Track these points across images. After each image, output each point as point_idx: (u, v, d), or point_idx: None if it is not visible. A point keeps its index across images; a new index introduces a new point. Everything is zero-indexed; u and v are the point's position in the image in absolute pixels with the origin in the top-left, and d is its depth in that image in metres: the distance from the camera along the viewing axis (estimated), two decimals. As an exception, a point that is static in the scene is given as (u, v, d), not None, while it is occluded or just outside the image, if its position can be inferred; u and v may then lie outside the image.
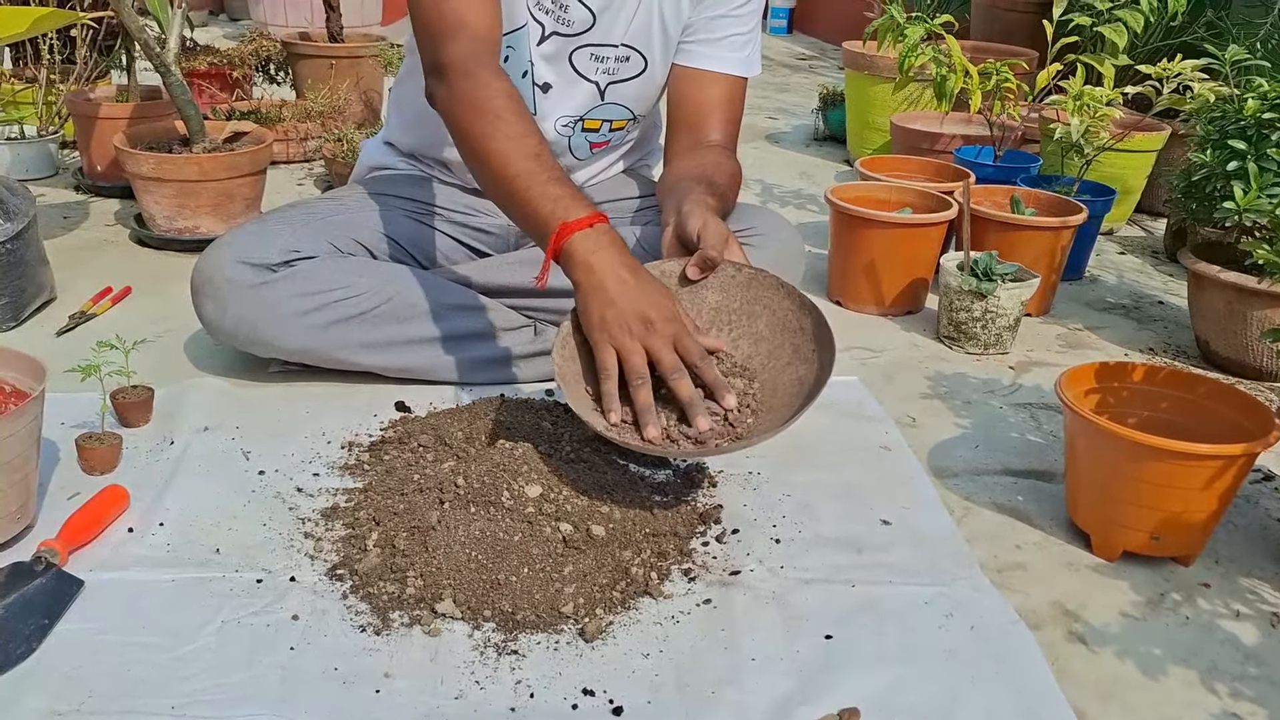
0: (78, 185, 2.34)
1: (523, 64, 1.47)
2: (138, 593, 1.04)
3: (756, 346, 1.23)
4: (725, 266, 1.23)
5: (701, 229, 1.21)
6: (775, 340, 1.23)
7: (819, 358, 1.18)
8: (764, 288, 1.24)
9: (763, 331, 1.23)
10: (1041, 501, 1.31)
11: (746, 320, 1.24)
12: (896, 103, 2.70)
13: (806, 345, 1.20)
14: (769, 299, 1.24)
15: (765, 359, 1.23)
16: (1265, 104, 1.60)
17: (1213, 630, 1.09)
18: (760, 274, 1.24)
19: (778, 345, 1.22)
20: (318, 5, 2.96)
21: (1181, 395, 1.28)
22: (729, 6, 1.49)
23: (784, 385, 1.19)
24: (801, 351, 1.20)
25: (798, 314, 1.22)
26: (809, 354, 1.19)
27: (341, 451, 1.31)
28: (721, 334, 1.24)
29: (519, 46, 1.46)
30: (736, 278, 1.24)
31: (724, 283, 1.24)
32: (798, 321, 1.22)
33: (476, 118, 1.22)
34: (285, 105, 2.74)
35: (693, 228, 1.22)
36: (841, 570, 1.13)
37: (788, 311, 1.23)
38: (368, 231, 1.50)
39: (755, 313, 1.24)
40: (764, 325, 1.24)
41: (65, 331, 1.63)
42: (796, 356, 1.20)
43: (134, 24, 1.85)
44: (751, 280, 1.24)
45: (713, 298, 1.24)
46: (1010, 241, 1.82)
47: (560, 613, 1.02)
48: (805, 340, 1.21)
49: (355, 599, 1.04)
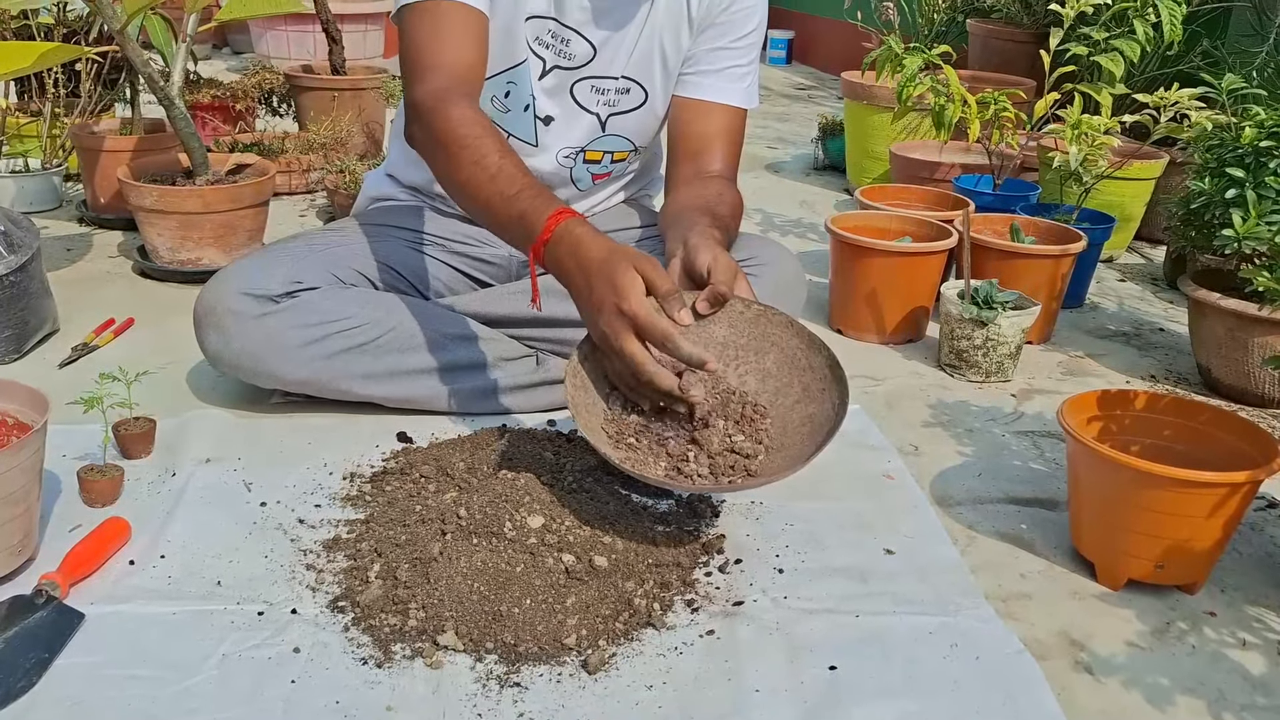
0: (81, 217, 2.35)
1: (524, 98, 1.49)
2: (139, 626, 1.03)
3: (764, 383, 1.23)
4: (734, 302, 1.23)
5: (712, 263, 1.21)
6: (783, 377, 1.22)
7: (829, 397, 1.18)
8: (773, 325, 1.24)
9: (770, 368, 1.23)
10: (1045, 530, 1.30)
11: (754, 356, 1.24)
12: (895, 132, 2.71)
13: (816, 384, 1.20)
14: (778, 336, 1.23)
15: (773, 395, 1.22)
16: (1262, 132, 1.61)
17: (1219, 660, 1.09)
18: (769, 311, 1.24)
19: (786, 382, 1.22)
20: (320, 39, 2.99)
21: (1184, 423, 1.28)
22: (729, 38, 1.50)
23: (793, 423, 1.19)
24: (811, 390, 1.20)
25: (807, 352, 1.22)
26: (818, 393, 1.19)
27: (343, 482, 1.31)
28: (729, 369, 1.24)
29: (520, 81, 1.48)
30: (745, 314, 1.24)
31: (732, 318, 1.24)
32: (807, 360, 1.21)
33: (441, 150, 1.24)
34: (288, 137, 2.75)
35: (702, 262, 1.21)
36: (846, 600, 1.13)
37: (796, 349, 1.22)
38: (370, 262, 1.50)
39: (763, 349, 1.24)
40: (772, 362, 1.23)
41: (68, 363, 1.63)
42: (806, 395, 1.20)
43: (138, 58, 1.87)
44: (760, 317, 1.24)
45: (720, 332, 1.24)
46: (1010, 269, 1.82)
47: (563, 644, 1.01)
48: (815, 379, 1.20)
49: (357, 631, 1.03)
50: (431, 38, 1.30)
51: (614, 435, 1.17)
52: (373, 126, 2.93)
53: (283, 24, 4.13)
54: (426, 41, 1.31)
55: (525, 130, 1.52)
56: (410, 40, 1.33)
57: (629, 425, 1.19)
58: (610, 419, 1.19)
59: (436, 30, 1.31)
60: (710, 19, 1.49)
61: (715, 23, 1.49)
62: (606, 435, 1.16)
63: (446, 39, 1.30)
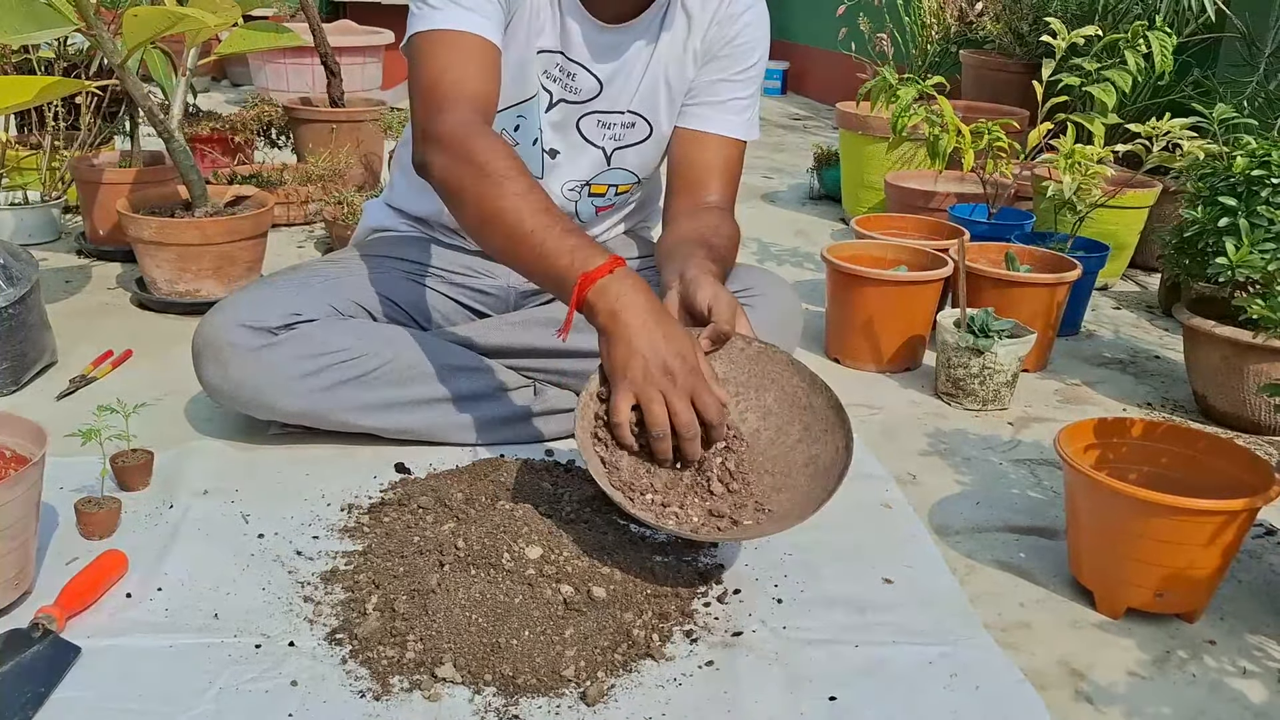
0: (80, 249, 2.36)
1: (533, 131, 1.50)
2: (135, 659, 1.03)
3: (765, 420, 1.23)
4: (735, 339, 1.23)
5: (713, 301, 1.21)
6: (784, 416, 1.22)
7: (833, 439, 1.18)
8: (773, 363, 1.24)
9: (771, 406, 1.23)
10: (1044, 558, 1.30)
11: (755, 394, 1.24)
12: (890, 162, 2.73)
13: (818, 424, 1.20)
14: (778, 374, 1.24)
15: (774, 434, 1.22)
16: (1254, 161, 1.62)
17: (1220, 689, 1.08)
18: (770, 349, 1.24)
19: (787, 421, 1.22)
20: (319, 71, 3.01)
21: (1181, 450, 1.28)
22: (731, 71, 1.51)
23: (797, 463, 1.19)
24: (813, 430, 1.20)
25: (808, 392, 1.22)
26: (820, 434, 1.19)
27: (341, 514, 1.30)
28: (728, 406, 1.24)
29: (530, 115, 1.49)
30: (746, 351, 1.24)
31: (732, 355, 1.24)
32: (808, 399, 1.22)
33: (480, 179, 1.21)
34: (286, 169, 2.77)
35: (703, 299, 1.21)
36: (845, 630, 1.12)
37: (797, 388, 1.23)
38: (368, 294, 1.51)
39: (764, 386, 1.24)
40: (772, 400, 1.23)
41: (66, 395, 1.63)
42: (807, 434, 1.20)
43: (138, 91, 1.88)
44: (760, 354, 1.24)
45: (720, 369, 1.24)
46: (1006, 298, 1.83)
47: (561, 676, 1.01)
48: (816, 419, 1.20)
49: (354, 663, 1.03)
50: (453, 67, 1.28)
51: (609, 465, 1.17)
52: (371, 158, 2.95)
53: (282, 57, 4.16)
54: (447, 71, 1.28)
55: (533, 164, 1.53)
56: (426, 70, 1.29)
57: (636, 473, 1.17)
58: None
59: (457, 60, 1.29)
60: (713, 52, 1.50)
61: (718, 55, 1.50)
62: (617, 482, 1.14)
63: (469, 68, 1.28)
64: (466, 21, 1.30)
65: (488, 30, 1.32)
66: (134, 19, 1.70)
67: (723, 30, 1.49)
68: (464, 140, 1.23)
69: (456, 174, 1.23)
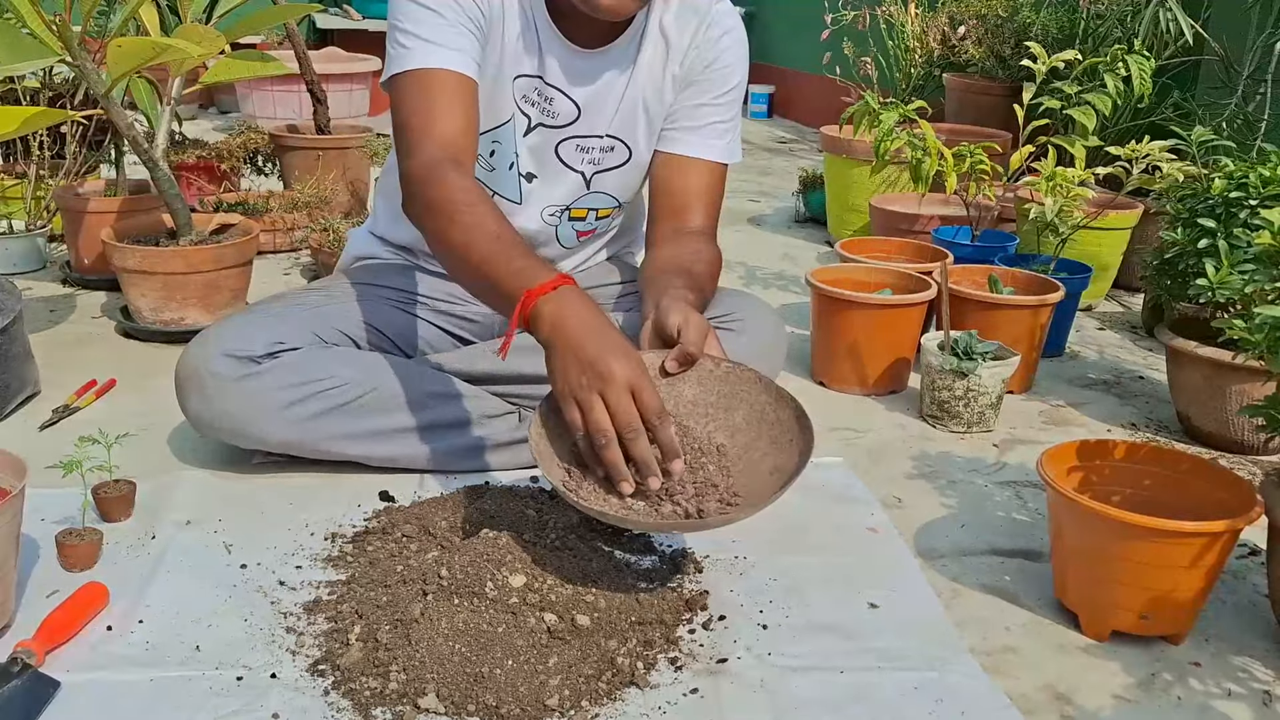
0: (65, 279, 2.35)
1: (509, 156, 1.51)
2: (116, 693, 1.02)
3: (733, 439, 1.23)
4: (704, 360, 1.23)
5: (682, 324, 1.21)
6: (752, 432, 1.23)
7: (795, 446, 1.18)
8: (741, 382, 1.25)
9: (739, 424, 1.24)
10: (1029, 581, 1.30)
11: (724, 414, 1.25)
12: (875, 185, 2.75)
13: (784, 436, 1.20)
14: (745, 393, 1.24)
15: (741, 450, 1.23)
16: (1232, 183, 1.64)
17: (1206, 711, 1.08)
18: (738, 368, 1.25)
19: (754, 437, 1.22)
20: (306, 98, 3.02)
21: (1164, 472, 1.29)
22: (711, 95, 1.52)
23: (762, 474, 1.19)
24: (779, 442, 1.20)
25: (775, 406, 1.22)
26: (785, 444, 1.20)
27: (325, 543, 1.30)
28: (697, 426, 1.24)
29: (505, 140, 1.49)
30: (715, 372, 1.25)
31: (702, 377, 1.25)
32: (775, 414, 1.22)
33: (435, 216, 1.25)
34: (272, 196, 2.77)
35: (673, 323, 1.22)
36: (830, 657, 1.12)
37: (765, 405, 1.23)
38: (352, 322, 1.51)
39: (732, 406, 1.24)
40: (740, 418, 1.24)
41: (48, 425, 1.62)
42: (774, 446, 1.21)
43: (123, 121, 1.88)
44: (729, 374, 1.25)
45: (690, 391, 1.25)
46: (990, 320, 1.84)
47: (545, 705, 1.00)
48: (781, 431, 1.21)
49: (337, 695, 1.02)
50: (421, 108, 1.31)
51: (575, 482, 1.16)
52: (357, 185, 2.95)
53: (268, 84, 4.17)
54: (416, 112, 1.31)
55: (510, 188, 1.54)
56: (397, 114, 1.34)
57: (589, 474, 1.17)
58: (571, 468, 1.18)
59: (426, 100, 1.32)
60: (693, 76, 1.51)
61: (697, 80, 1.51)
62: (568, 481, 1.14)
63: (436, 108, 1.31)
64: (436, 58, 1.33)
65: (457, 63, 1.34)
66: (118, 49, 1.70)
67: (701, 54, 1.49)
68: (424, 181, 1.27)
69: (420, 214, 1.28)
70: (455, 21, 1.35)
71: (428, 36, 1.33)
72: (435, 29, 1.34)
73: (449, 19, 1.34)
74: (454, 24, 1.35)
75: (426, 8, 1.34)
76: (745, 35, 1.54)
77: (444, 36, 1.34)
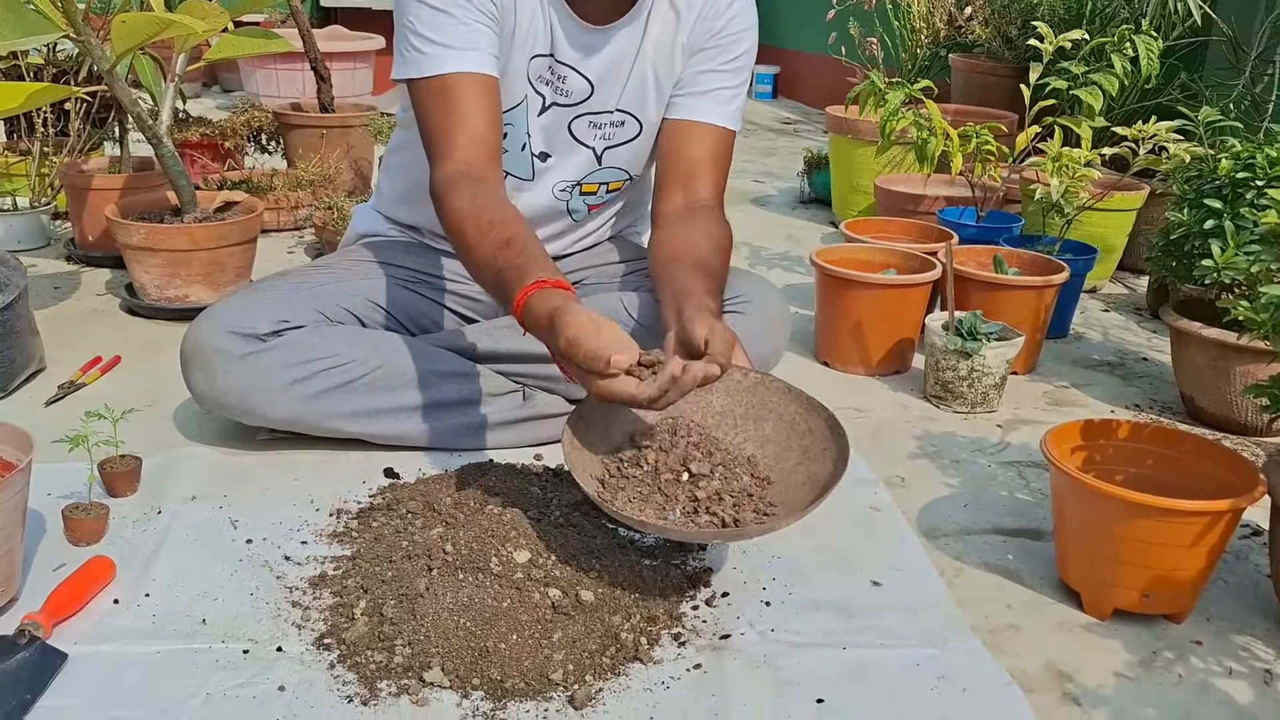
0: (69, 255, 2.35)
1: (521, 137, 1.50)
2: (122, 666, 1.03)
3: (763, 449, 1.24)
4: (732, 371, 1.23)
5: (709, 335, 1.19)
6: (783, 443, 1.23)
7: (829, 455, 1.18)
8: (770, 392, 1.25)
9: (769, 434, 1.24)
10: (1031, 560, 1.31)
11: (753, 424, 1.25)
12: (880, 165, 2.74)
13: (816, 445, 1.20)
14: (775, 403, 1.24)
15: (773, 460, 1.23)
16: (1238, 164, 1.63)
17: (1207, 689, 1.09)
18: (766, 379, 1.25)
19: (785, 447, 1.23)
20: (310, 76, 3.01)
21: (1167, 452, 1.29)
22: (719, 61, 1.50)
23: (795, 483, 1.19)
24: (811, 451, 1.20)
25: (806, 416, 1.22)
26: (819, 453, 1.19)
27: (330, 519, 1.30)
28: (727, 437, 1.24)
29: (517, 122, 1.49)
30: (743, 383, 1.25)
31: (730, 388, 1.25)
32: (806, 424, 1.22)
33: (451, 229, 1.28)
34: (276, 174, 2.77)
35: (699, 335, 1.20)
36: (832, 633, 1.13)
37: (795, 415, 1.23)
38: (357, 300, 1.51)
39: (761, 416, 1.25)
40: (770, 428, 1.24)
41: (54, 401, 1.63)
42: (806, 456, 1.21)
43: (127, 97, 1.88)
44: (757, 385, 1.25)
45: (718, 402, 1.25)
46: (994, 301, 1.84)
47: (549, 680, 1.01)
48: (814, 440, 1.21)
49: (342, 669, 1.03)
50: (442, 122, 1.32)
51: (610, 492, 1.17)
52: (361, 163, 2.95)
53: (272, 62, 4.16)
54: (439, 127, 1.32)
55: (522, 168, 1.53)
56: (422, 124, 1.35)
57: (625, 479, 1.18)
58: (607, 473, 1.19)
59: (445, 111, 1.32)
60: (700, 44, 1.50)
61: (705, 47, 1.50)
62: (601, 492, 1.15)
63: (454, 119, 1.31)
64: (453, 63, 1.32)
65: (474, 63, 1.33)
66: (122, 25, 1.70)
67: (710, 24, 1.49)
68: (441, 198, 1.29)
69: (443, 225, 1.30)
70: (467, 19, 1.34)
71: (442, 40, 1.32)
72: (448, 31, 1.33)
73: (460, 17, 1.33)
74: (466, 22, 1.34)
75: (437, 9, 1.33)
76: (753, 4, 1.53)
77: (458, 37, 1.33)
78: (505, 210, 1.27)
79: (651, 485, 1.16)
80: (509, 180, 1.51)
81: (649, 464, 1.18)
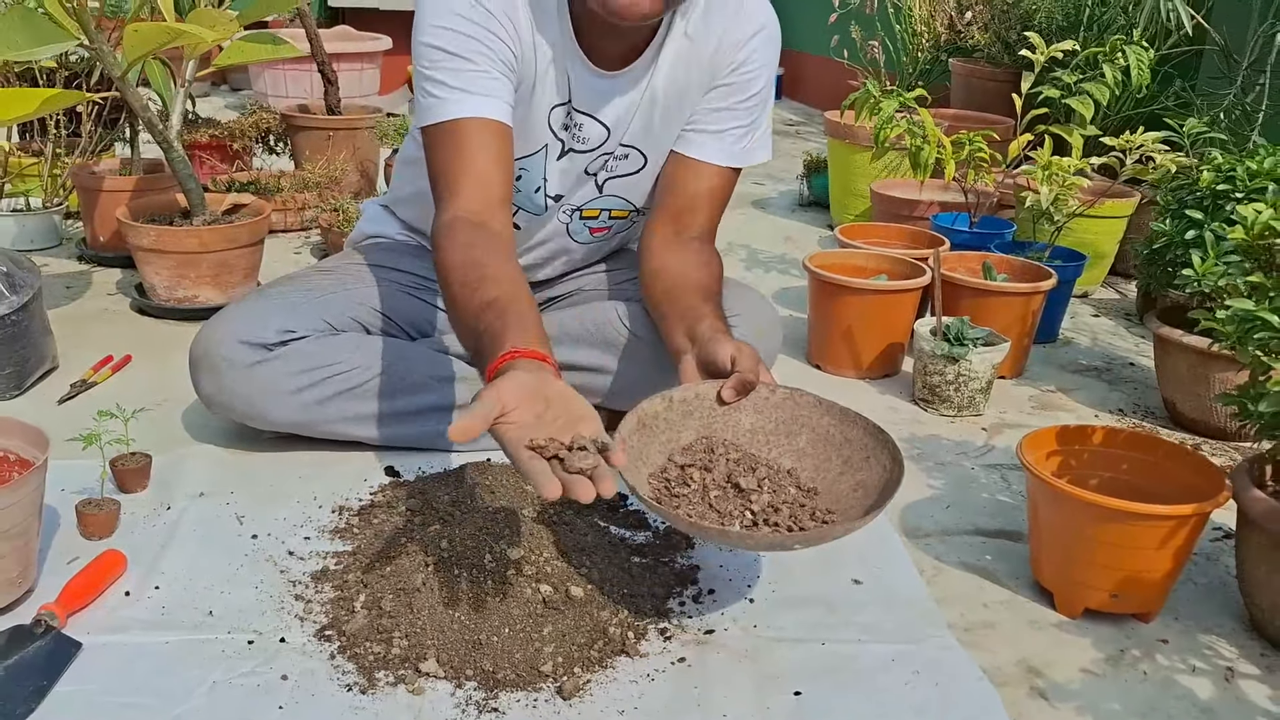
0: (81, 255, 2.41)
1: (536, 181, 1.51)
2: (133, 654, 1.08)
3: (800, 462, 1.24)
4: (760, 388, 1.25)
5: (735, 354, 1.22)
6: (820, 455, 1.24)
7: (877, 460, 1.19)
8: (800, 407, 1.26)
9: (804, 448, 1.25)
10: (1009, 561, 1.35)
11: (786, 439, 1.26)
12: (876, 170, 2.78)
13: (857, 455, 1.21)
14: (807, 417, 1.26)
15: (813, 471, 1.24)
16: (1219, 175, 1.67)
17: (1170, 686, 1.13)
18: (795, 393, 1.26)
19: (824, 459, 1.23)
20: (317, 77, 3.06)
21: (1141, 457, 1.33)
22: (734, 99, 1.48)
23: (843, 491, 1.20)
24: (853, 460, 1.21)
25: (840, 427, 1.24)
26: (861, 461, 1.20)
27: (332, 516, 1.35)
28: (761, 453, 1.25)
29: (533, 168, 1.49)
30: (771, 399, 1.26)
31: (758, 405, 1.26)
32: (842, 434, 1.23)
33: (440, 286, 1.27)
34: (284, 176, 2.81)
35: (725, 354, 1.22)
36: (814, 629, 1.17)
37: (829, 427, 1.24)
38: (362, 307, 1.55)
39: (794, 431, 1.26)
40: (804, 442, 1.25)
41: (67, 399, 1.68)
42: (849, 466, 1.21)
43: (138, 102, 1.93)
44: (786, 400, 1.26)
45: (747, 420, 1.26)
46: (982, 307, 1.88)
47: (539, 671, 1.06)
48: (854, 450, 1.22)
49: (342, 659, 1.08)
50: (449, 167, 1.31)
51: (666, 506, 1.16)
52: (367, 165, 3.00)
53: (280, 64, 4.20)
54: (445, 172, 1.31)
55: (534, 206, 1.54)
56: (431, 163, 1.34)
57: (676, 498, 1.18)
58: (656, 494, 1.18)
59: (453, 155, 1.31)
60: (718, 77, 1.47)
61: (723, 82, 1.47)
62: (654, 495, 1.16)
63: (460, 164, 1.31)
64: (465, 108, 1.31)
65: (487, 109, 1.32)
66: (134, 34, 1.75)
67: (730, 55, 1.45)
68: (438, 247, 1.27)
69: (436, 271, 1.28)
70: (484, 67, 1.33)
71: (456, 84, 1.32)
72: (463, 76, 1.32)
73: (479, 64, 1.32)
74: (483, 69, 1.33)
75: (455, 54, 1.32)
76: (778, 32, 1.49)
77: (473, 83, 1.32)
78: (495, 266, 1.23)
79: (703, 503, 1.16)
80: (519, 215, 1.53)
81: (695, 482, 1.18)
